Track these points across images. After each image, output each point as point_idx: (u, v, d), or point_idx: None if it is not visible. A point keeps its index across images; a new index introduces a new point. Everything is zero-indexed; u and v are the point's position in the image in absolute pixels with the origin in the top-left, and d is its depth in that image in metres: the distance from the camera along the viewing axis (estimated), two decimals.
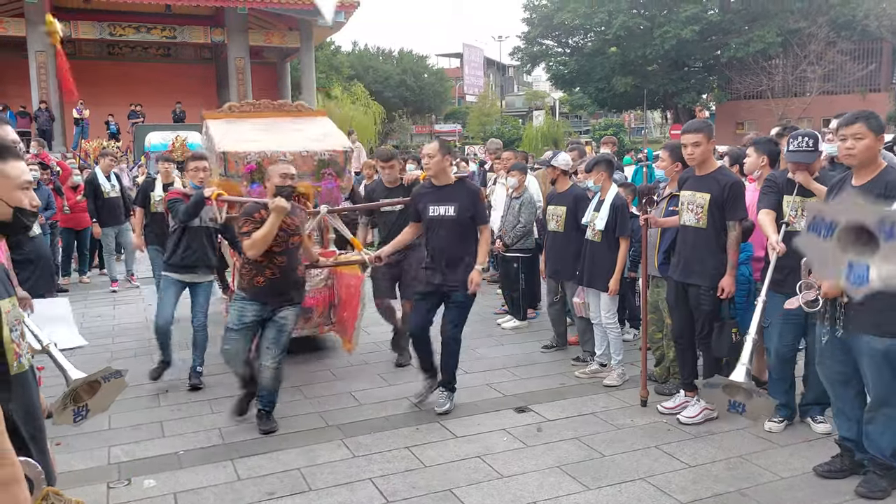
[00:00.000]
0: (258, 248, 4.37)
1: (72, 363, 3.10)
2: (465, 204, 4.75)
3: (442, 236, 4.78)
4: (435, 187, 4.85)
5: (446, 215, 4.76)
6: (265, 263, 4.49)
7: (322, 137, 6.13)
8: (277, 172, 4.59)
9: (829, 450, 4.02)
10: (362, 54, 47.28)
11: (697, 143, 4.42)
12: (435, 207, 4.79)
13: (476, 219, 4.82)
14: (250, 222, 4.43)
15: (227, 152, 5.70)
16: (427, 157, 4.78)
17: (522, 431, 4.54)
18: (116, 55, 27.55)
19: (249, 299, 4.54)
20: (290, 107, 6.74)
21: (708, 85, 33.98)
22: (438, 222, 4.79)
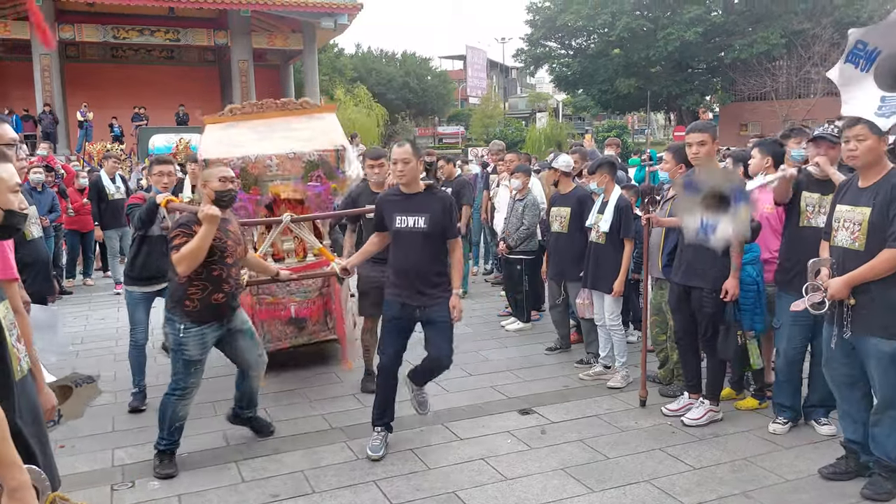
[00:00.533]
0: (187, 263, 3.84)
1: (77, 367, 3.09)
2: (437, 215, 4.20)
3: (412, 251, 4.21)
4: (403, 195, 4.28)
5: (416, 227, 4.20)
6: (222, 276, 4.02)
7: (313, 138, 5.70)
8: (216, 176, 4.08)
9: (833, 452, 4.00)
10: (365, 57, 47.33)
11: (703, 143, 4.42)
12: (403, 218, 4.23)
13: (447, 233, 4.28)
14: (182, 234, 3.90)
15: (208, 160, 5.31)
16: (401, 164, 4.18)
17: (526, 434, 4.53)
18: (120, 58, 27.61)
19: (206, 321, 4.03)
20: (294, 105, 6.28)
21: (712, 87, 33.98)
22: (407, 235, 4.22)
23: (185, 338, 4.01)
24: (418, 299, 4.21)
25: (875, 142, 3.48)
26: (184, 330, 4.01)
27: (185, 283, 3.97)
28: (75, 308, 8.66)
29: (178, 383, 4.08)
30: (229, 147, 5.51)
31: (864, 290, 3.50)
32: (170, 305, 4.09)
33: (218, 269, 4.00)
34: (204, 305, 3.99)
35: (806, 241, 4.10)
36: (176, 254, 3.85)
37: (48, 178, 9.14)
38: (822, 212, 4.07)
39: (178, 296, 4.01)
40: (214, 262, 3.98)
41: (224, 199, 4.06)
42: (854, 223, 3.55)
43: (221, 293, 4.03)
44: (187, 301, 3.98)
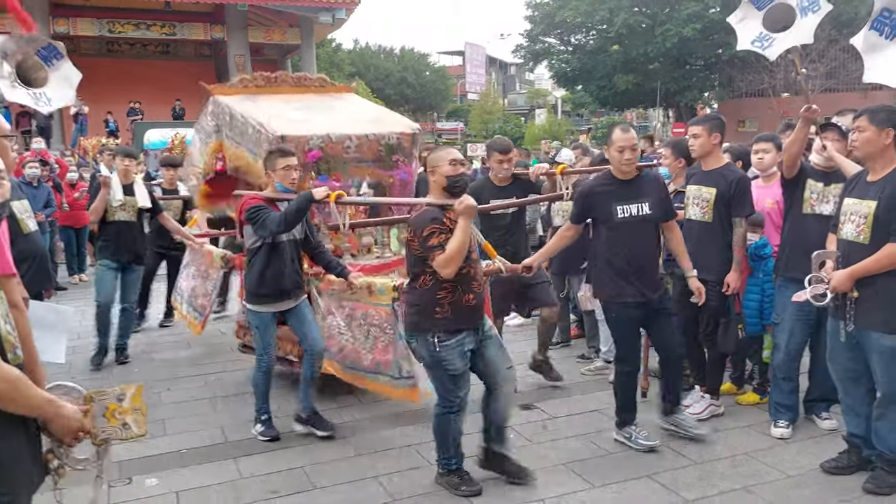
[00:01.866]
0: (455, 263, 3.38)
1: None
2: (657, 199, 4.05)
3: (641, 241, 4.01)
4: (617, 181, 4.04)
5: (640, 214, 3.99)
6: (472, 275, 3.57)
7: (380, 117, 5.24)
8: (445, 159, 3.56)
9: (835, 446, 3.99)
10: (363, 52, 47.25)
11: (696, 135, 4.45)
12: (625, 206, 3.99)
13: (667, 214, 4.14)
14: (438, 231, 3.42)
15: (285, 136, 4.67)
16: (629, 151, 3.94)
17: (528, 429, 4.51)
18: (115, 52, 27.47)
19: (461, 329, 3.54)
20: (310, 81, 5.67)
21: (710, 83, 33.90)
22: (632, 224, 3.99)
23: (444, 352, 3.51)
24: (647, 291, 4.04)
25: (874, 133, 3.47)
26: (439, 343, 3.50)
27: (430, 287, 3.49)
28: (71, 304, 8.60)
29: (449, 399, 3.62)
30: (297, 124, 4.88)
31: (868, 284, 3.49)
32: (412, 317, 3.62)
33: (466, 265, 3.50)
34: (456, 310, 3.51)
35: (808, 229, 4.09)
36: (441, 254, 3.36)
37: (43, 173, 9.09)
38: (826, 200, 4.06)
39: (425, 303, 3.52)
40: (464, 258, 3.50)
41: (457, 186, 3.53)
42: (860, 216, 3.53)
43: (472, 294, 3.55)
44: (437, 308, 3.49)
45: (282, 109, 5.09)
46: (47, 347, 3.74)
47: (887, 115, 3.49)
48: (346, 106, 5.45)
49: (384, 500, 3.69)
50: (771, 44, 4.10)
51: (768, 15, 4.11)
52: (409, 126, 5.21)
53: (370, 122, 5.17)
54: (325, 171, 4.83)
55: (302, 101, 5.31)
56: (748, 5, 4.19)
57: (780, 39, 4.07)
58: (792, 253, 4.16)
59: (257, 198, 4.29)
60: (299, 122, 4.92)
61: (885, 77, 3.83)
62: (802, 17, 3.97)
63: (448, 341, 3.51)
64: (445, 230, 3.41)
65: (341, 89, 5.85)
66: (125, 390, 2.21)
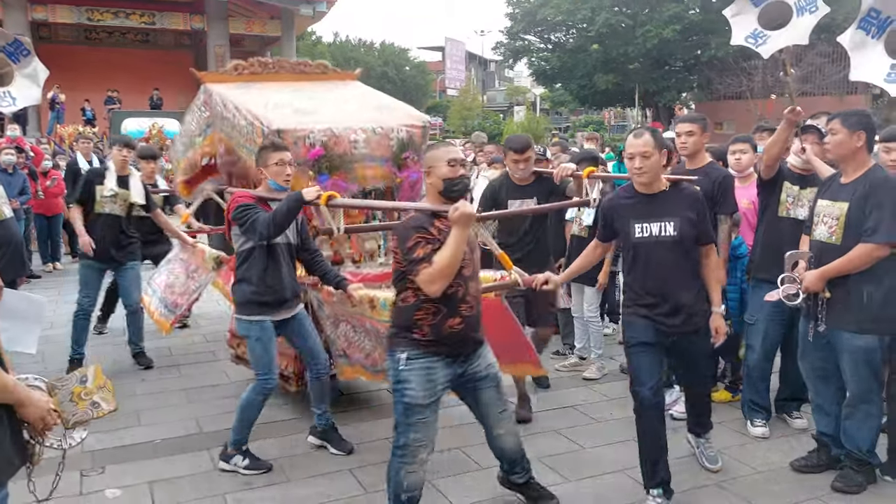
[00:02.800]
0: (443, 280, 2.91)
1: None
2: (688, 217, 3.42)
3: (661, 265, 3.44)
4: (640, 196, 3.48)
5: (663, 236, 3.41)
6: (460, 296, 3.05)
7: (387, 108, 4.63)
8: (443, 159, 3.08)
9: (805, 445, 4.06)
10: (343, 45, 47.09)
11: (691, 133, 4.42)
12: (644, 225, 3.44)
13: (701, 237, 3.51)
14: (424, 241, 2.94)
15: (282, 130, 4.18)
16: (640, 158, 3.36)
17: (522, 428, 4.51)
18: (94, 40, 27.11)
19: (435, 354, 3.06)
20: (310, 67, 5.12)
21: (688, 84, 34.22)
22: (652, 247, 3.45)
23: (407, 371, 3.04)
24: (672, 324, 3.46)
25: (846, 136, 3.52)
26: (406, 360, 3.05)
27: (411, 305, 3.06)
28: (44, 292, 8.48)
29: (398, 438, 3.11)
30: (298, 116, 4.36)
31: (839, 284, 3.54)
32: (391, 335, 3.17)
33: (454, 285, 3.02)
34: (437, 334, 3.04)
35: (783, 231, 4.13)
36: (427, 268, 2.88)
37: (19, 160, 8.96)
38: (801, 204, 4.11)
39: (404, 322, 3.09)
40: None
41: (455, 190, 3.06)
42: (832, 218, 3.59)
43: (458, 317, 3.06)
44: (415, 330, 3.05)
45: (280, 99, 4.59)
46: (19, 337, 3.67)
47: (859, 119, 3.54)
48: (351, 94, 4.88)
49: (359, 493, 3.69)
50: (765, 41, 4.11)
51: (764, 12, 4.10)
52: (419, 118, 4.65)
53: (377, 110, 4.62)
54: (325, 169, 4.26)
55: (303, 90, 4.78)
56: (745, 1, 4.18)
57: (774, 37, 4.07)
58: (765, 254, 4.20)
59: (248, 196, 3.89)
60: (299, 114, 4.41)
61: (870, 76, 3.89)
62: (799, 17, 3.97)
63: (415, 361, 3.04)
64: (434, 241, 2.94)
65: (345, 76, 5.27)
66: (85, 372, 2.23)
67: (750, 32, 4.15)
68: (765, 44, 4.11)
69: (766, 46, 4.10)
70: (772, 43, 4.08)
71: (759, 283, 4.19)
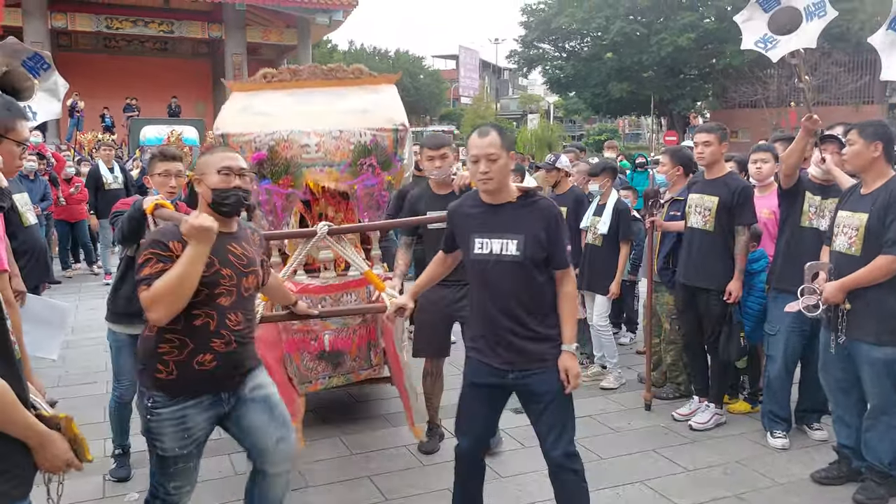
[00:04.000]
0: (166, 306, 2.43)
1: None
2: (535, 236, 2.83)
3: (498, 288, 2.87)
4: (485, 206, 2.93)
5: (504, 255, 2.84)
6: (212, 329, 2.58)
7: (366, 112, 4.32)
8: (215, 165, 2.65)
9: (826, 456, 4.04)
10: (358, 54, 47.28)
11: (708, 143, 4.45)
12: (484, 241, 2.88)
13: (553, 261, 2.88)
14: (155, 259, 2.49)
15: (226, 134, 4.06)
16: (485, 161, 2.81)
17: (520, 432, 4.53)
18: (113, 48, 27.41)
19: (185, 396, 2.59)
20: (344, 72, 4.76)
21: (703, 92, 34.13)
22: (491, 266, 2.87)
23: (156, 421, 2.58)
24: (509, 359, 2.89)
25: (863, 147, 3.53)
26: (151, 409, 2.58)
27: (154, 338, 2.58)
28: (65, 298, 8.58)
29: (155, 489, 2.71)
30: (254, 117, 4.19)
31: (859, 296, 3.53)
32: (138, 370, 2.68)
33: (202, 315, 2.56)
34: (182, 373, 2.56)
35: (805, 242, 4.12)
36: (146, 291, 2.44)
37: (40, 167, 9.08)
38: (822, 215, 4.10)
39: (146, 356, 2.61)
40: (197, 303, 2.53)
41: (225, 204, 2.63)
42: (852, 228, 3.59)
43: (210, 353, 2.58)
44: (159, 365, 2.56)
45: (270, 101, 4.39)
46: (42, 342, 3.70)
47: (875, 129, 3.54)
48: (354, 99, 4.54)
49: (378, 499, 3.71)
50: (774, 46, 4.17)
51: (774, 17, 4.18)
52: (389, 119, 4.22)
53: (349, 114, 4.27)
54: (268, 174, 4.03)
55: (308, 93, 4.54)
56: (755, 6, 4.25)
57: (783, 42, 4.14)
58: (786, 265, 4.19)
59: (125, 203, 3.70)
60: (261, 116, 4.20)
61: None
62: (808, 22, 4.04)
63: (162, 409, 2.57)
64: (170, 258, 2.47)
65: (379, 80, 4.81)
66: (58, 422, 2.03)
67: (760, 37, 4.24)
68: (774, 48, 4.18)
69: (776, 51, 4.17)
70: (781, 47, 4.15)
71: (781, 293, 4.18)
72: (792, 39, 4.10)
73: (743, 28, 4.32)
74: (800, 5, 4.06)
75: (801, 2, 4.06)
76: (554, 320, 2.90)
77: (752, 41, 4.27)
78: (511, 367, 2.88)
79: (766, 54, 4.21)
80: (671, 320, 5.02)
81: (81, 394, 5.19)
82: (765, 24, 4.21)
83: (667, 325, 5.08)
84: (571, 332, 2.91)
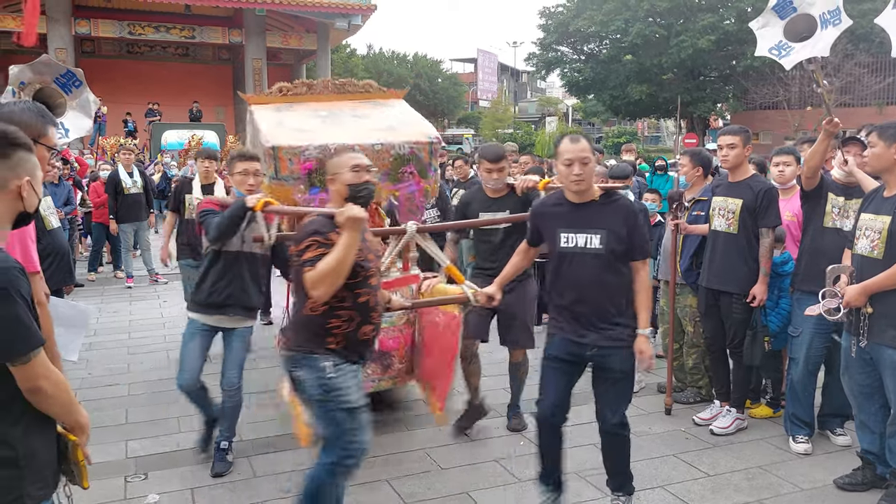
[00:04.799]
0: (329, 284, 2.84)
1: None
2: (618, 231, 3.27)
3: (583, 278, 3.29)
4: (570, 204, 3.35)
5: (588, 248, 3.28)
6: (371, 304, 3.07)
7: (397, 125, 4.80)
8: (347, 165, 3.09)
9: (849, 462, 3.98)
10: (377, 58, 47.50)
11: (732, 146, 4.43)
12: (570, 235, 3.32)
13: (632, 253, 3.32)
14: (317, 244, 2.90)
15: (278, 147, 4.38)
16: (578, 164, 3.22)
17: None
18: (135, 54, 27.79)
19: (351, 362, 3.04)
20: (354, 87, 5.31)
21: (723, 94, 33.84)
22: (577, 257, 3.30)
23: (339, 378, 2.95)
24: (590, 337, 3.32)
25: (883, 149, 3.50)
26: (334, 368, 2.96)
27: (325, 313, 2.97)
28: (88, 301, 8.69)
29: (344, 447, 2.98)
30: (300, 133, 4.59)
31: (881, 299, 3.49)
32: (300, 346, 3.04)
33: (365, 293, 3.03)
34: (351, 342, 3.02)
35: (828, 243, 4.08)
36: (311, 271, 2.85)
37: (64, 171, 9.20)
38: (846, 216, 4.06)
39: (316, 330, 3.00)
40: (359, 283, 3.00)
41: (361, 195, 3.06)
42: (874, 231, 3.54)
43: (371, 325, 3.07)
44: (330, 338, 2.99)
45: (301, 120, 4.81)
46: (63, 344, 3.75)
47: None
48: (376, 112, 5.02)
49: (396, 503, 3.71)
50: (788, 53, 4.15)
51: (790, 24, 4.15)
52: (425, 134, 4.70)
53: (384, 130, 4.74)
54: (317, 182, 4.40)
55: (331, 111, 4.97)
56: (771, 13, 4.23)
57: (797, 50, 4.11)
58: (810, 266, 4.14)
59: (212, 203, 4.08)
60: (302, 132, 4.61)
61: None
62: (823, 29, 4.01)
63: (343, 366, 2.99)
64: (329, 245, 2.87)
65: (389, 95, 5.38)
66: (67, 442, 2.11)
67: (774, 44, 4.21)
68: (788, 55, 4.15)
69: (790, 58, 4.15)
70: (795, 55, 4.12)
71: (804, 294, 4.14)
72: (806, 47, 4.07)
73: (758, 35, 4.30)
74: (815, 13, 4.03)
75: (816, 9, 4.02)
76: (630, 306, 3.33)
77: (766, 48, 4.25)
78: (592, 343, 3.31)
79: (779, 61, 4.18)
80: (694, 323, 4.98)
81: (105, 395, 5.26)
82: (780, 30, 4.19)
83: (690, 327, 5.03)
84: (646, 317, 3.33)
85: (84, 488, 2.15)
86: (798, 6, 4.08)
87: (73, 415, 2.06)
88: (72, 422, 2.07)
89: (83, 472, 2.12)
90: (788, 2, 4.06)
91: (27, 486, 1.90)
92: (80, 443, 2.10)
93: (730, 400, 4.63)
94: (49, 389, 1.92)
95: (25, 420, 1.91)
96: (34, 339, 1.87)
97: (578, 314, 3.32)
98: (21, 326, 1.84)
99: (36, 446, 1.94)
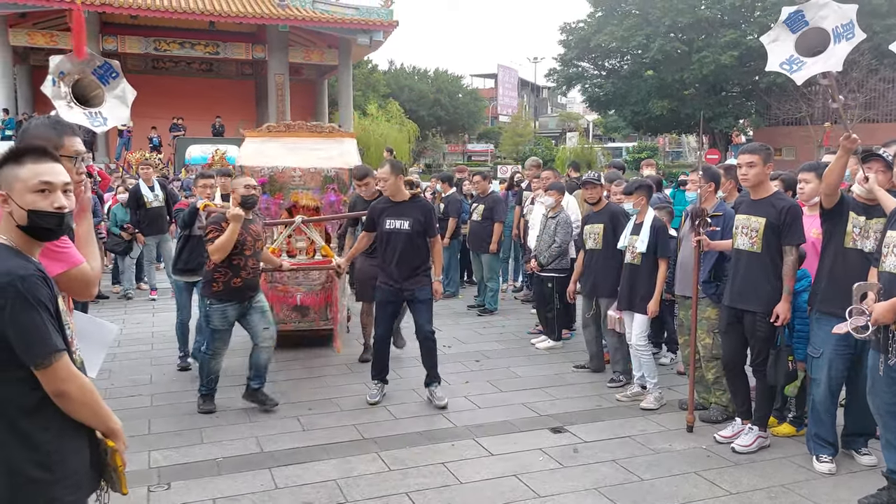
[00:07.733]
0: (220, 253, 4.92)
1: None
2: (417, 219, 5.32)
3: (397, 248, 5.31)
4: (391, 203, 5.41)
5: (401, 229, 5.30)
6: (241, 265, 5.04)
7: (332, 157, 6.90)
8: (241, 184, 5.13)
9: (874, 482, 3.92)
10: (398, 73, 47.78)
11: (752, 164, 4.38)
12: (392, 221, 5.34)
13: (427, 232, 5.39)
14: (215, 230, 4.98)
15: (243, 166, 6.57)
16: (382, 181, 5.41)
17: (559, 452, 4.51)
18: (160, 69, 28.19)
19: (227, 300, 5.07)
20: (322, 128, 7.40)
21: (746, 110, 33.61)
22: (394, 235, 5.33)
23: (211, 312, 5.13)
24: (402, 285, 5.34)
25: None
26: (210, 306, 5.14)
27: (212, 269, 5.07)
28: (111, 312, 8.81)
29: (208, 346, 5.22)
30: (263, 158, 6.77)
31: None
32: (202, 286, 5.29)
33: (238, 259, 5.03)
34: (226, 287, 5.05)
35: (849, 263, 4.01)
36: (211, 245, 4.96)
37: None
38: (867, 236, 4.01)
39: (207, 279, 5.11)
40: (235, 253, 5.02)
41: (247, 202, 5.11)
42: None
43: (239, 278, 5.06)
44: (213, 284, 5.06)
45: (272, 148, 6.88)
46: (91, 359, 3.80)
47: None
48: (326, 147, 6.99)
49: None
50: (800, 68, 4.07)
51: (802, 38, 4.08)
52: (348, 163, 6.83)
53: (324, 159, 6.83)
54: (269, 191, 6.62)
55: (296, 143, 6.96)
56: (782, 27, 4.16)
57: (809, 64, 4.03)
58: (830, 287, 4.08)
59: (183, 203, 6.74)
60: (266, 157, 6.73)
61: None
62: (836, 44, 3.94)
63: (214, 306, 5.08)
64: (222, 230, 4.95)
65: (344, 135, 7.45)
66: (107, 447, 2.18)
67: (786, 59, 4.13)
68: (799, 70, 4.07)
69: (801, 73, 4.06)
70: (807, 70, 4.03)
71: (824, 315, 4.09)
72: (818, 62, 3.99)
73: (769, 49, 4.21)
74: (828, 27, 3.95)
75: (829, 23, 3.95)
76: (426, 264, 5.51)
77: (776, 63, 4.16)
78: (405, 288, 5.38)
79: (790, 76, 4.09)
80: (713, 334, 4.94)
81: (128, 406, 5.31)
82: (792, 45, 4.11)
83: (708, 339, 4.99)
84: (439, 269, 5.73)
85: (123, 494, 2.19)
86: (810, 20, 4.01)
87: (105, 420, 2.10)
88: (104, 428, 2.11)
89: (122, 478, 2.17)
90: (800, 15, 4.01)
91: (57, 490, 1.94)
92: (119, 449, 2.13)
93: (751, 417, 4.58)
94: (75, 393, 1.97)
95: (56, 426, 1.95)
96: (52, 345, 1.93)
97: (399, 269, 5.32)
98: (38, 332, 1.91)
99: (66, 451, 1.98)
